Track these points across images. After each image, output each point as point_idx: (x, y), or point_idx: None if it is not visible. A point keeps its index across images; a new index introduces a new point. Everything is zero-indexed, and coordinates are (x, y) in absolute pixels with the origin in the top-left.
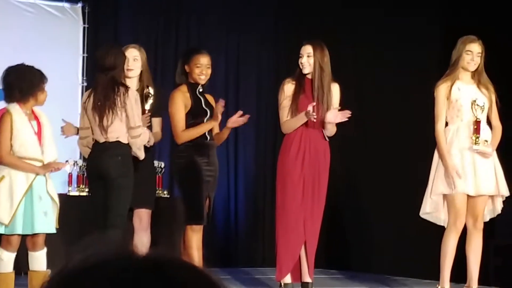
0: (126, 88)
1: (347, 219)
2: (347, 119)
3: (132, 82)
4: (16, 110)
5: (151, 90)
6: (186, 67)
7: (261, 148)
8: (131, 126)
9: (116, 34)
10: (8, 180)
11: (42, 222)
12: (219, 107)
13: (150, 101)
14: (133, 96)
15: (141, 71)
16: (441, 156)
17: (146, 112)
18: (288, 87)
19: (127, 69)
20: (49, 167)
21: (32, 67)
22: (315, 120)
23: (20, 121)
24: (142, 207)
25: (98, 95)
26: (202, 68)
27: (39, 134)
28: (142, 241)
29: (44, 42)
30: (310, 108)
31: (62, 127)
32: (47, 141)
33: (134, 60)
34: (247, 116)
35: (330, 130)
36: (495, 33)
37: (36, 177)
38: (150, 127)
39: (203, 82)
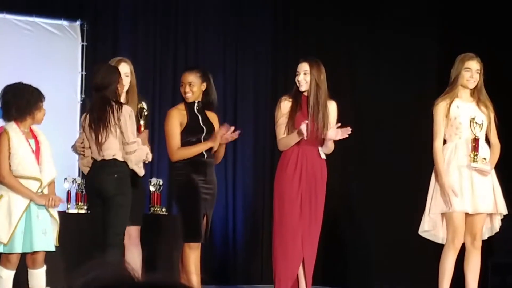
0: (120, 104)
1: (345, 237)
2: (347, 136)
3: (122, 97)
4: (14, 129)
5: (145, 105)
6: None
7: (259, 165)
8: (125, 142)
9: (115, 51)
10: (7, 199)
11: (41, 240)
12: (221, 130)
13: (145, 115)
14: (127, 112)
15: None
16: (437, 175)
17: (142, 127)
18: (285, 105)
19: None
20: (46, 199)
21: (30, 85)
22: (306, 139)
23: (17, 140)
24: (131, 224)
25: (93, 114)
26: (184, 86)
27: (37, 152)
28: (133, 257)
29: (43, 60)
30: (303, 126)
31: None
32: (46, 160)
33: (126, 76)
34: (237, 132)
35: (329, 148)
36: (493, 50)
37: None
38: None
39: (189, 100)
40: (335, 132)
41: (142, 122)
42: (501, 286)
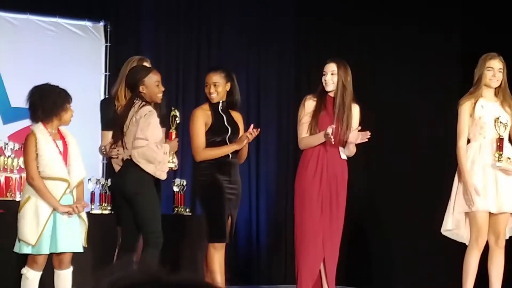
0: (141, 104)
1: (368, 236)
2: (367, 139)
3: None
4: (40, 130)
5: (177, 113)
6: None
7: (282, 164)
8: (136, 137)
9: (138, 52)
10: (34, 200)
11: (67, 241)
12: (246, 134)
13: (177, 122)
14: (144, 111)
15: None
16: (461, 173)
17: (173, 135)
18: (309, 104)
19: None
20: (70, 208)
21: (57, 87)
22: (333, 142)
23: (44, 141)
24: None
25: (121, 114)
26: (209, 87)
27: (64, 153)
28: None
29: (66, 60)
30: (329, 130)
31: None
32: (74, 161)
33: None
34: (258, 129)
35: (351, 151)
36: None
37: (63, 197)
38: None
39: (214, 100)
40: (356, 136)
41: (173, 130)
42: None
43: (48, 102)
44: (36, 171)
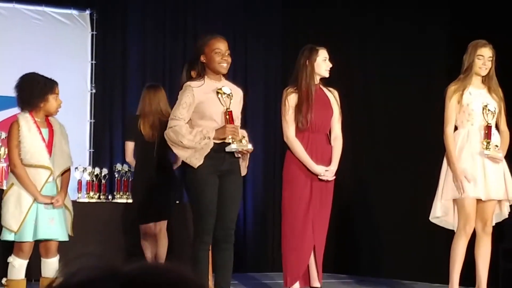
0: (183, 84)
1: (356, 224)
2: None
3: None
4: (25, 118)
5: (225, 90)
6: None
7: (269, 153)
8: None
9: (124, 40)
10: (17, 187)
11: (48, 229)
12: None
13: (228, 100)
14: (183, 89)
15: None
16: (449, 160)
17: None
18: (291, 98)
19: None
20: (49, 200)
21: (41, 77)
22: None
23: (27, 129)
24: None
25: None
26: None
27: (50, 142)
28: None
29: (52, 49)
30: (322, 174)
31: None
32: (58, 149)
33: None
34: None
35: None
36: (503, 38)
37: (45, 185)
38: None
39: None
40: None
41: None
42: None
43: (29, 92)
44: (18, 159)
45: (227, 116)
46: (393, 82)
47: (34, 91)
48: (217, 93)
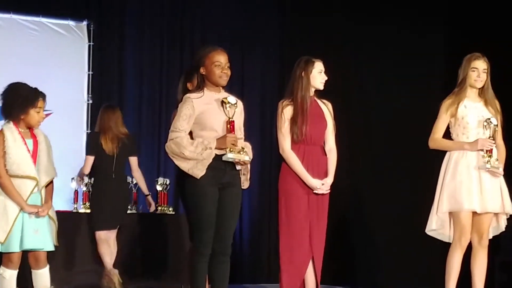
0: (179, 95)
1: (353, 235)
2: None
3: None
4: (9, 128)
5: (231, 100)
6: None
7: (266, 163)
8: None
9: (121, 51)
10: (3, 197)
11: (32, 239)
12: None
13: (232, 110)
14: (183, 101)
15: None
16: (456, 147)
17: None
18: (287, 110)
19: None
20: (35, 209)
21: (22, 88)
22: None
23: (12, 139)
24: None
25: None
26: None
27: (34, 153)
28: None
29: (49, 60)
30: (318, 187)
31: None
32: (43, 160)
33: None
34: None
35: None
36: (499, 50)
37: (30, 195)
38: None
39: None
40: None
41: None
42: (507, 284)
43: (9, 103)
44: (4, 169)
45: (229, 126)
46: (390, 90)
47: (14, 102)
48: (222, 102)
